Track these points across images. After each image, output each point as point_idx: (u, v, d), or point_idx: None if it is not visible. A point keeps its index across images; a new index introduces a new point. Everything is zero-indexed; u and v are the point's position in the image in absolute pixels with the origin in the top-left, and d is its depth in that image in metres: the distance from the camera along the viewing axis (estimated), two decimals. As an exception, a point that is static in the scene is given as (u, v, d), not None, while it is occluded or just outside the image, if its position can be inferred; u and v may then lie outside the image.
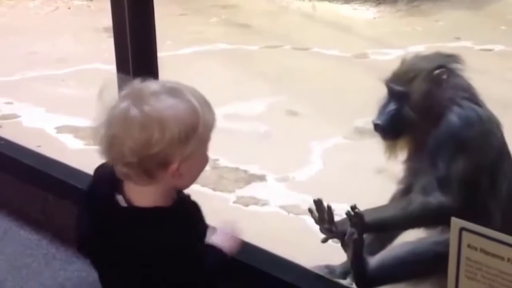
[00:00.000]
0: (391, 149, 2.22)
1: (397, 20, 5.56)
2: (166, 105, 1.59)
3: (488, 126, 2.13)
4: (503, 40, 4.92)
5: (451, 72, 2.17)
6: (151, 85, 1.63)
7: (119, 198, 1.66)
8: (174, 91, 1.62)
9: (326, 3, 5.82)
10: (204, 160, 1.69)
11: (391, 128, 2.17)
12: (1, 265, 2.79)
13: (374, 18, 5.66)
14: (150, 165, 1.59)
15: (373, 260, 2.08)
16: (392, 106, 2.19)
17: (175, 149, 1.59)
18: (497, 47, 4.82)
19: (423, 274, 2.10)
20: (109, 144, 1.59)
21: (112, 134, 1.59)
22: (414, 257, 2.07)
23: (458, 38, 5.02)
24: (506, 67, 4.44)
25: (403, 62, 2.23)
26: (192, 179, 1.70)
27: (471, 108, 2.13)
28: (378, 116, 2.21)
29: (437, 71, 2.14)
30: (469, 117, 2.10)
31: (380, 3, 5.72)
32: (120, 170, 1.61)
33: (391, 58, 4.69)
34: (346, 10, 5.74)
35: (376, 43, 4.97)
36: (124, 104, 1.59)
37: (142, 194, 1.65)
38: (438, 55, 2.24)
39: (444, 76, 2.15)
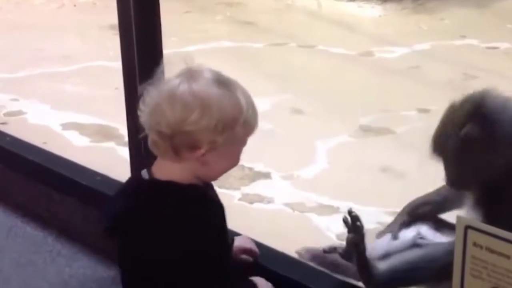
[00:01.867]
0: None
1: (402, 18, 5.55)
2: (214, 93, 1.65)
3: None
4: (509, 38, 4.91)
5: (489, 119, 1.86)
6: (207, 72, 1.70)
7: (143, 172, 1.73)
8: (226, 83, 1.69)
9: (332, 1, 5.82)
10: (234, 159, 1.73)
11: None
12: (6, 262, 2.79)
13: (380, 16, 5.65)
14: (180, 142, 1.64)
15: (383, 264, 2.07)
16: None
17: (208, 135, 1.63)
18: (503, 45, 4.81)
19: (433, 280, 2.08)
20: (151, 111, 1.66)
21: (157, 103, 1.65)
22: (425, 263, 2.04)
23: (463, 36, 5.01)
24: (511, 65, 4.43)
25: (441, 121, 2.00)
26: (216, 173, 1.73)
27: None
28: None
29: (463, 133, 1.86)
30: None
31: (385, 1, 5.72)
32: (152, 137, 1.67)
33: (396, 56, 4.70)
34: (352, 8, 5.74)
35: (381, 41, 4.96)
36: (177, 80, 1.66)
37: (164, 169, 1.70)
38: (472, 100, 1.94)
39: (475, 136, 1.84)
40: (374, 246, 2.19)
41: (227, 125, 1.64)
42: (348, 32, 5.28)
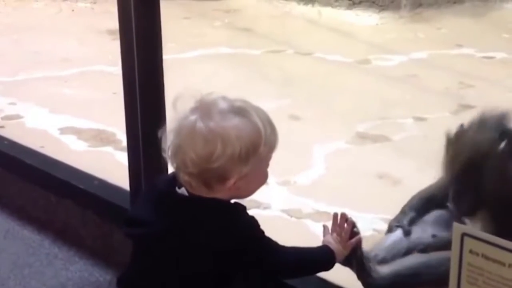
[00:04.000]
0: None
1: (399, 27, 5.58)
2: (231, 124, 1.67)
3: None
4: (505, 48, 4.94)
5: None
6: (220, 103, 1.71)
7: (180, 190, 1.73)
8: (240, 110, 1.71)
9: (329, 8, 5.84)
10: (263, 176, 1.78)
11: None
12: (3, 264, 2.80)
13: (377, 24, 5.68)
14: (209, 178, 1.67)
15: (385, 269, 2.08)
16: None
17: (234, 166, 1.66)
18: (499, 55, 4.84)
19: (434, 287, 2.09)
20: (174, 153, 1.69)
21: (178, 144, 1.68)
22: (427, 269, 2.06)
23: (460, 45, 5.04)
24: (508, 74, 4.45)
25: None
26: (250, 193, 1.78)
27: None
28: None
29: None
30: None
31: (383, 10, 5.74)
32: (182, 178, 1.70)
33: (393, 64, 4.72)
34: (349, 16, 5.76)
35: (378, 49, 4.99)
36: (193, 117, 1.68)
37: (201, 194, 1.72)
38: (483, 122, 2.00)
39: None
40: (385, 242, 2.21)
41: (249, 151, 1.67)
42: (345, 39, 5.31)
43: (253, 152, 1.67)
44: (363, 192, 3.03)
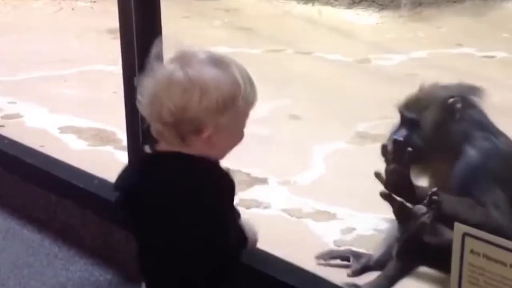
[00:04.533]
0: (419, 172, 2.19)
1: (399, 26, 5.58)
2: (210, 74, 1.66)
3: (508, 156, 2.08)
4: (505, 47, 4.94)
5: (468, 104, 2.12)
6: (200, 54, 1.70)
7: (146, 147, 1.74)
8: (220, 62, 1.70)
9: (329, 8, 5.84)
10: (239, 135, 1.74)
11: (400, 153, 2.10)
12: (3, 264, 2.80)
13: (377, 23, 5.67)
14: (184, 128, 1.65)
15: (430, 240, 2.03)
16: (402, 133, 2.15)
17: (211, 117, 1.65)
18: (499, 54, 4.84)
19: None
20: (150, 102, 1.66)
21: (155, 93, 1.66)
22: None
23: (460, 45, 5.04)
24: (507, 74, 4.45)
25: (420, 89, 2.19)
26: (223, 152, 1.74)
27: (489, 140, 2.07)
28: (388, 140, 2.16)
29: (451, 100, 2.10)
30: (488, 150, 2.05)
31: (383, 9, 5.74)
32: (156, 128, 1.68)
33: (393, 64, 4.72)
34: (349, 15, 5.76)
35: (378, 49, 4.98)
36: (171, 67, 1.66)
37: (172, 148, 1.70)
38: (458, 85, 2.19)
39: (458, 106, 2.10)
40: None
41: (227, 103, 1.65)
42: (345, 39, 5.30)
43: (231, 104, 1.65)
44: (363, 191, 3.02)
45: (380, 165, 3.26)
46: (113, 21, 2.64)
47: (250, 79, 1.73)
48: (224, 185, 1.72)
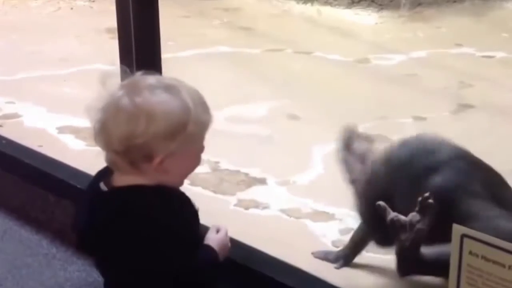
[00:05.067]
0: None
1: (399, 26, 5.57)
2: (158, 100, 1.63)
3: None
4: (505, 47, 4.93)
5: None
6: (148, 79, 1.68)
7: (101, 185, 1.70)
8: (169, 87, 1.66)
9: (328, 7, 5.83)
10: (195, 160, 1.72)
11: None
12: (1, 265, 2.79)
13: (376, 23, 5.67)
14: (135, 156, 1.63)
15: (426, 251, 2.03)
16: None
17: (160, 143, 1.62)
18: (499, 54, 4.83)
19: None
20: (100, 130, 1.65)
21: (104, 121, 1.64)
22: None
23: (459, 45, 5.03)
24: (507, 74, 4.44)
25: None
26: (180, 178, 1.72)
27: None
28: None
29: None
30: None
31: (382, 9, 5.73)
32: (108, 157, 1.66)
33: (393, 64, 4.71)
34: (348, 15, 5.75)
35: (378, 48, 4.98)
36: (119, 94, 1.64)
37: (126, 181, 1.68)
38: None
39: None
40: None
41: (176, 128, 1.62)
42: (344, 39, 5.30)
43: (181, 129, 1.62)
44: (362, 192, 3.02)
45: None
46: (112, 21, 2.63)
47: (203, 101, 1.70)
48: (182, 211, 1.70)
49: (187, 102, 1.64)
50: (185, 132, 1.63)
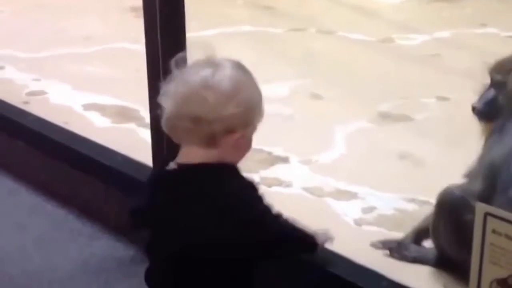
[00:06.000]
0: (485, 132, 2.26)
1: (423, 6, 5.52)
2: (244, 79, 1.72)
3: None
4: (530, 27, 4.88)
5: None
6: (227, 60, 1.76)
7: (170, 164, 1.73)
8: (247, 70, 1.76)
9: (352, -14, 5.79)
10: (251, 144, 1.78)
11: (485, 113, 2.24)
12: (28, 239, 2.84)
13: (401, 2, 5.63)
14: (218, 128, 1.67)
15: None
16: (490, 93, 2.25)
17: (242, 120, 1.69)
18: (523, 34, 4.78)
19: None
20: (187, 100, 1.66)
21: (193, 91, 1.66)
22: None
23: (484, 25, 4.98)
24: (532, 54, 4.40)
25: None
26: (241, 157, 1.77)
27: None
28: (478, 100, 2.28)
29: None
30: None
31: (406, -12, 5.68)
32: (184, 125, 1.67)
33: (416, 44, 4.69)
34: (372, -6, 5.71)
35: (401, 28, 4.95)
36: (207, 69, 1.70)
37: (192, 155, 1.71)
38: None
39: None
40: None
41: (255, 109, 1.71)
42: (368, 18, 5.27)
43: (258, 109, 1.72)
44: (384, 171, 3.03)
45: (402, 145, 3.26)
46: (136, 0, 2.65)
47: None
48: (251, 186, 1.77)
49: (259, 88, 1.75)
50: (260, 112, 1.72)
